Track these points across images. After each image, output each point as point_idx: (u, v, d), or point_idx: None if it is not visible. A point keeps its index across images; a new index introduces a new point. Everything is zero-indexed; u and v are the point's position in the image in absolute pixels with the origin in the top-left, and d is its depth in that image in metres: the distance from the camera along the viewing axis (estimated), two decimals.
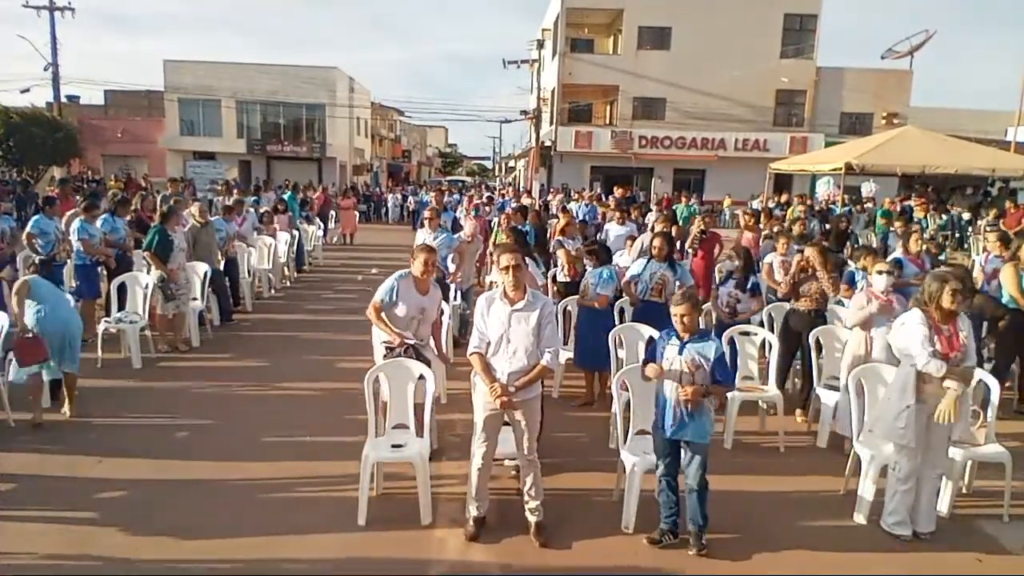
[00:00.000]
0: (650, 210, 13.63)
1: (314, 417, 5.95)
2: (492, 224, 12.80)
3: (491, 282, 7.74)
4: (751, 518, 4.40)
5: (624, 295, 6.72)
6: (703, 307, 5.96)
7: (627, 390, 4.58)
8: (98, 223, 8.09)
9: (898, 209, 16.06)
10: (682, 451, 3.97)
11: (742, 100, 29.80)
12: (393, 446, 4.35)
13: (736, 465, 5.14)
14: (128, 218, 8.85)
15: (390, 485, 4.61)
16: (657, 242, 6.53)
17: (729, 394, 4.86)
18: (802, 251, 6.52)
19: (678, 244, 8.96)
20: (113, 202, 8.93)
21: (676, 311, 3.93)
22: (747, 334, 6.02)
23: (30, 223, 8.03)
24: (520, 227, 8.86)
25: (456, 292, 8.16)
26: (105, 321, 7.35)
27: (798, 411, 6.20)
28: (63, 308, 5.77)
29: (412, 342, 4.73)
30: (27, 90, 28.78)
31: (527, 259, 6.86)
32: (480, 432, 4.06)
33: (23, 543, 3.90)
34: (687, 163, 30.60)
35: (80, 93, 38.82)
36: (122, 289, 7.65)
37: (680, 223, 10.73)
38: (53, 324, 5.53)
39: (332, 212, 19.83)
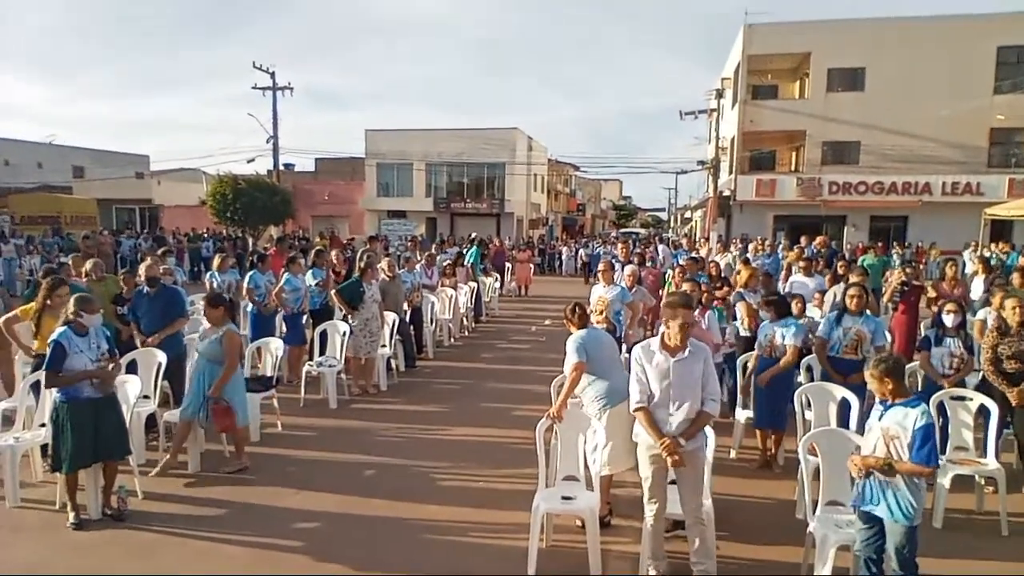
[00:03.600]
0: (845, 260, 12.60)
1: (488, 463, 6.08)
2: (665, 276, 12.54)
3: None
4: None
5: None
6: (909, 367, 5.38)
7: (816, 455, 4.22)
8: (308, 276, 9.01)
9: None
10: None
11: (949, 140, 27.02)
12: (564, 498, 4.33)
13: (947, 547, 4.51)
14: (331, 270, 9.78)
15: (559, 538, 4.57)
16: (853, 292, 6.03)
17: (940, 467, 4.30)
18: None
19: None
20: (315, 257, 9.89)
21: (869, 376, 3.57)
22: (960, 399, 5.32)
23: (247, 278, 9.12)
24: (695, 277, 8.61)
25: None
26: (308, 365, 8.11)
27: None
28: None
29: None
30: (252, 160, 32.89)
31: (709, 311, 6.66)
32: (649, 489, 3.93)
33: (225, 565, 4.33)
34: (885, 210, 28.13)
35: (295, 161, 43.88)
36: (323, 336, 8.41)
37: (868, 274, 9.78)
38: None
39: (508, 264, 20.58)
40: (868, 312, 5.99)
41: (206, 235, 26.09)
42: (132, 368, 6.10)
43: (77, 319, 4.77)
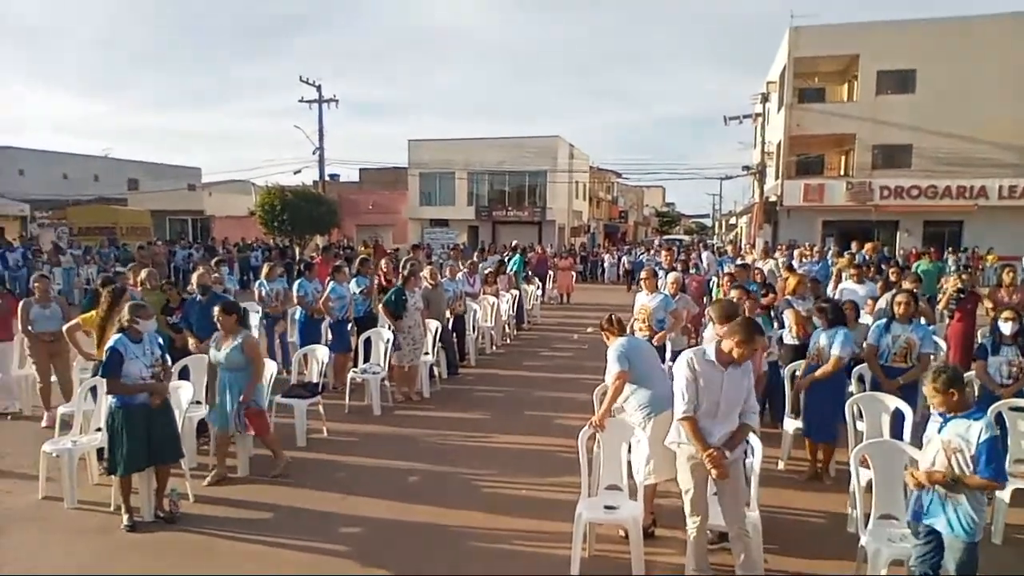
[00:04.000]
0: (897, 266, 12.20)
1: (530, 471, 6.06)
2: (710, 284, 12.37)
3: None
4: None
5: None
6: (967, 377, 5.19)
7: (868, 467, 4.10)
8: (352, 284, 9.16)
9: None
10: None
11: (1007, 143, 26.05)
12: (607, 507, 4.29)
13: (1008, 564, 4.35)
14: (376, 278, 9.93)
15: (602, 548, 4.53)
16: (901, 299, 5.86)
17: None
18: None
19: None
20: (359, 265, 10.04)
21: (927, 390, 3.46)
22: (1020, 410, 5.10)
23: (295, 285, 9.31)
24: (744, 284, 8.46)
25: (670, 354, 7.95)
26: (353, 372, 8.22)
27: None
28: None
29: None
30: (299, 171, 33.63)
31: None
32: (691, 501, 3.88)
33: (274, 568, 4.42)
34: (939, 214, 27.24)
35: (340, 172, 44.75)
36: (368, 343, 8.53)
37: (922, 281, 9.44)
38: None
39: (549, 272, 20.56)
40: (922, 319, 5.83)
41: (255, 245, 26.71)
42: (184, 374, 6.27)
43: (133, 326, 4.93)
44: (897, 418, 5.09)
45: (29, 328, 7.36)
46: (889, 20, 28.10)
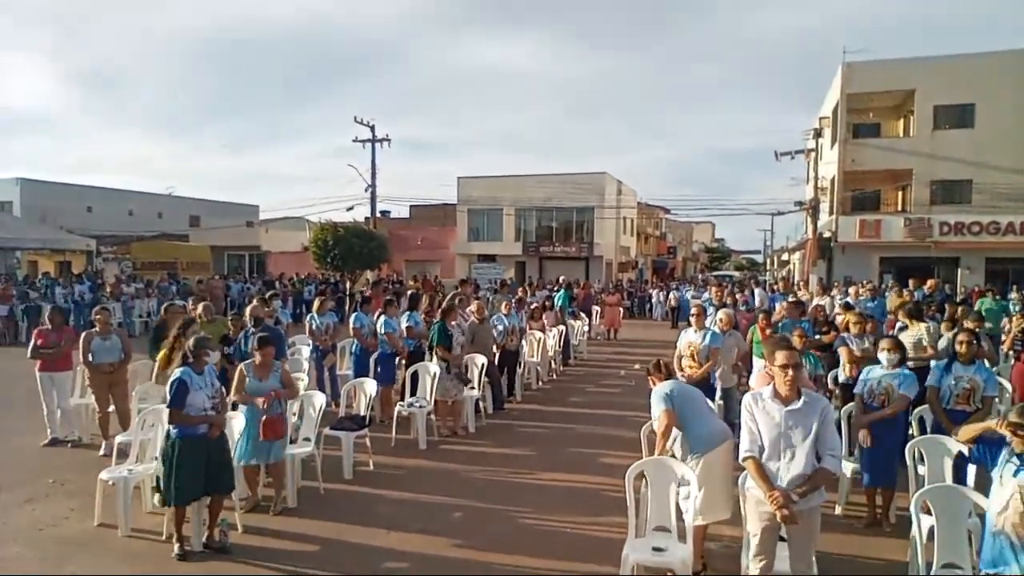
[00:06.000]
0: (954, 303, 11.70)
1: (575, 510, 5.97)
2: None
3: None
4: None
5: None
6: None
7: (929, 513, 3.92)
8: (402, 319, 9.28)
9: None
10: None
11: None
12: (654, 549, 4.19)
13: None
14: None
15: None
16: (963, 338, 5.64)
17: None
18: None
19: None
20: (410, 301, 10.15)
21: (1004, 429, 3.30)
22: None
23: (352, 318, 9.49)
24: (797, 322, 8.28)
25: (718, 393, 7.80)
26: (399, 405, 8.28)
27: None
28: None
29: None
30: (351, 208, 34.58)
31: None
32: (755, 546, 3.73)
33: None
34: (1002, 251, 26.23)
35: (391, 208, 45.73)
36: (415, 377, 8.59)
37: (984, 320, 9.03)
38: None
39: (596, 307, 20.44)
40: (985, 360, 5.59)
41: (308, 279, 27.38)
42: (235, 406, 6.41)
43: (203, 358, 5.09)
44: (960, 462, 4.87)
45: (90, 359, 7.67)
46: (945, 55, 27.55)
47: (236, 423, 5.68)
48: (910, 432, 5.89)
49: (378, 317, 9.23)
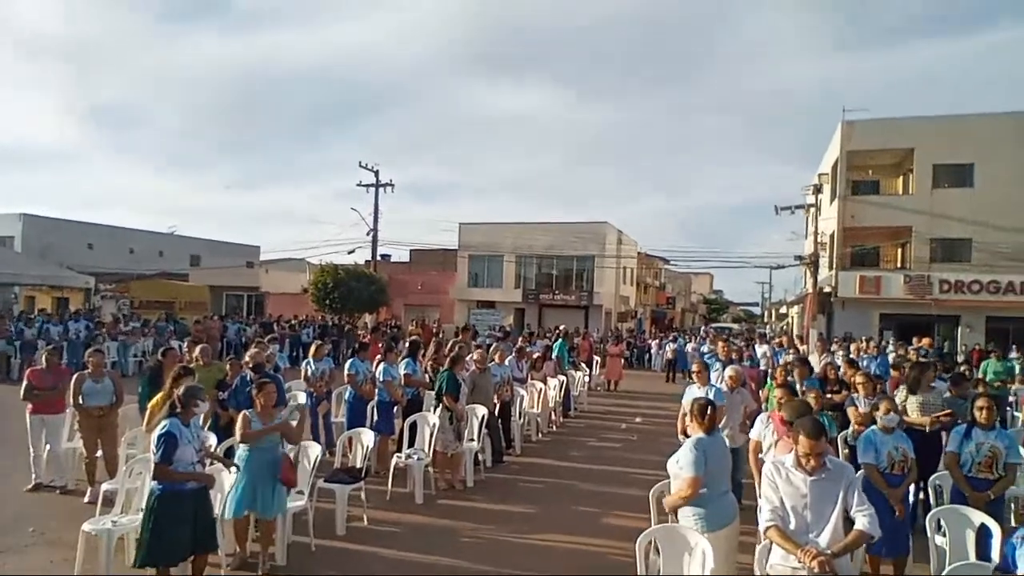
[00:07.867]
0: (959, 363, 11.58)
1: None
2: (766, 376, 11.92)
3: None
4: None
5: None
6: None
7: None
8: (401, 366, 9.09)
9: None
10: None
11: None
12: None
13: None
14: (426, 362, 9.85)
15: None
16: (982, 403, 5.48)
17: None
18: None
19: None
20: (409, 347, 9.97)
21: None
22: None
23: (347, 364, 9.27)
24: (809, 382, 8.09)
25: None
26: (397, 456, 8.04)
27: None
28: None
29: None
30: (353, 251, 34.75)
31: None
32: None
33: None
34: (1002, 310, 26.21)
35: (391, 251, 45.79)
36: (413, 427, 8.37)
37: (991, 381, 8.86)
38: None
39: (596, 358, 20.20)
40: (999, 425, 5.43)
41: (306, 322, 27.18)
42: (229, 454, 6.19)
43: (192, 409, 4.84)
44: (983, 535, 4.66)
45: (80, 401, 7.45)
46: (943, 115, 28.04)
47: (227, 477, 5.46)
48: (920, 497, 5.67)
49: (377, 364, 9.05)
